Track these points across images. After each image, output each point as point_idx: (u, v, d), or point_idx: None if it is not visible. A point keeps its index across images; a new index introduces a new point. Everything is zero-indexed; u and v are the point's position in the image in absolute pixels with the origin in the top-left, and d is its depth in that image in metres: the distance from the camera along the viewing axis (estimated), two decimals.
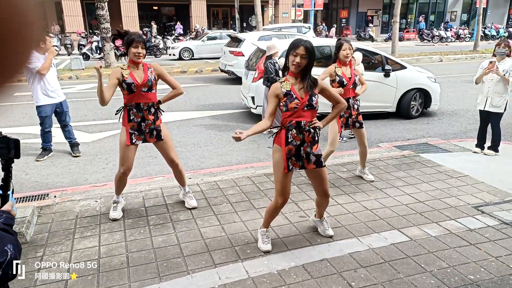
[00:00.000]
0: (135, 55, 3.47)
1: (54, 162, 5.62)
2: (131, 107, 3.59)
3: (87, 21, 27.40)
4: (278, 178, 3.09)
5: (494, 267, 3.03)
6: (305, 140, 3.04)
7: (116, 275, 2.95)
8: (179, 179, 4.05)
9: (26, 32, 0.43)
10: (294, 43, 2.94)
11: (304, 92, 2.98)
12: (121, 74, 3.50)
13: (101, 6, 13.99)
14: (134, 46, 3.45)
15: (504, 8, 36.70)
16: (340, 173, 4.96)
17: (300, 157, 3.06)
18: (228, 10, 31.77)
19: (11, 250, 1.32)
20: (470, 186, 4.54)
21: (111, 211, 3.81)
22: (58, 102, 5.50)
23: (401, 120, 7.87)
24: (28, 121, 7.57)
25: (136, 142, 3.65)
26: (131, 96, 3.55)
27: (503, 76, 5.20)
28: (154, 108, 3.67)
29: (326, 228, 3.50)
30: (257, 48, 8.42)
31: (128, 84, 3.50)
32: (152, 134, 3.70)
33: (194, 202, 4.03)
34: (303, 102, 2.96)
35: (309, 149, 3.06)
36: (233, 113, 8.52)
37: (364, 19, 34.00)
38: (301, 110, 2.97)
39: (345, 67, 4.40)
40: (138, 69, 3.57)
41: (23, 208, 3.71)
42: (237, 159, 5.75)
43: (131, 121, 3.60)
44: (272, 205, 3.20)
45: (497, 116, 5.49)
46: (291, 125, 3.00)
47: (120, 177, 3.73)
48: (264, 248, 3.22)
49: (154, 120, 3.67)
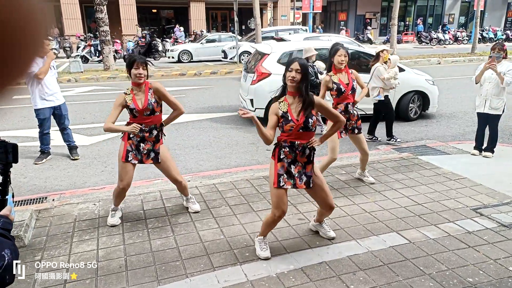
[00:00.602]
0: (136, 76, 3.47)
1: (52, 165, 5.61)
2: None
3: (86, 24, 27.43)
4: (272, 192, 3.09)
5: (493, 269, 3.03)
6: (298, 159, 3.03)
7: (114, 278, 2.95)
8: (182, 191, 4.04)
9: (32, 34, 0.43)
10: (288, 61, 3.02)
11: (301, 114, 2.96)
12: (125, 100, 3.53)
13: (100, 9, 14.00)
14: (135, 68, 3.46)
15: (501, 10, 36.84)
16: (339, 176, 4.96)
17: (291, 175, 3.05)
18: (227, 13, 31.84)
19: (9, 255, 1.32)
20: (469, 189, 4.54)
21: (109, 217, 3.79)
22: (57, 105, 5.49)
23: (400, 122, 7.88)
24: (27, 124, 7.57)
25: (132, 161, 3.63)
26: (135, 120, 3.58)
27: (498, 73, 5.22)
28: (156, 130, 3.66)
29: (328, 231, 3.50)
30: (256, 50, 8.42)
31: (131, 109, 3.54)
32: (149, 155, 3.69)
33: (197, 206, 4.03)
34: (299, 124, 2.95)
35: (302, 169, 3.06)
36: (231, 116, 8.52)
37: (363, 22, 34.09)
38: (296, 132, 2.97)
39: (341, 73, 4.36)
40: (140, 91, 3.57)
41: (21, 212, 3.71)
42: (236, 162, 5.75)
43: (130, 139, 3.61)
44: (269, 217, 3.16)
45: (495, 118, 5.50)
46: (285, 143, 3.01)
47: (118, 192, 3.72)
48: (263, 255, 3.19)
49: (154, 142, 3.67)
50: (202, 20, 28.97)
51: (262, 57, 7.63)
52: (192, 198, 4.09)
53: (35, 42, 0.44)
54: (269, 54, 7.51)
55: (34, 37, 0.43)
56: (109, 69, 14.38)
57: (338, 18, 35.48)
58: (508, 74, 5.22)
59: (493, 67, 5.24)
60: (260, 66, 7.42)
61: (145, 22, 29.45)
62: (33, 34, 0.43)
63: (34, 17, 0.42)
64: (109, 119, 3.49)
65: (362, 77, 7.38)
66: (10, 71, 0.43)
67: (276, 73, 7.23)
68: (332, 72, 4.37)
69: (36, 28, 0.43)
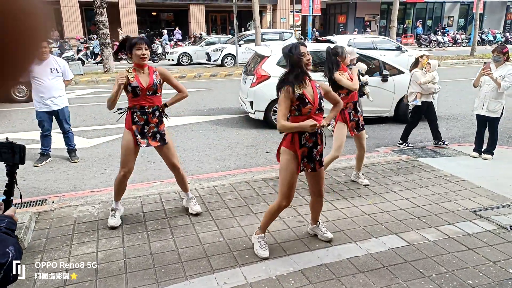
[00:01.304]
0: (140, 57, 3.45)
1: (52, 167, 5.61)
2: (135, 110, 3.57)
3: (86, 27, 27.47)
4: (286, 180, 3.08)
5: (493, 271, 3.03)
6: (318, 142, 3.10)
7: (113, 281, 2.94)
8: (181, 185, 4.01)
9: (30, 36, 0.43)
10: (292, 48, 3.03)
11: (314, 95, 3.04)
12: (126, 77, 3.48)
13: (100, 12, 14.03)
14: (137, 49, 3.43)
15: (500, 13, 36.95)
16: (338, 178, 4.96)
17: (312, 159, 3.11)
18: (226, 16, 31.90)
19: (13, 252, 1.33)
20: (468, 191, 4.54)
21: (109, 219, 3.77)
22: (55, 110, 5.48)
23: (399, 124, 7.88)
24: (27, 126, 7.57)
25: (141, 145, 3.62)
26: (135, 99, 3.53)
27: (495, 80, 5.23)
28: (158, 111, 3.66)
29: (324, 232, 3.50)
30: (255, 53, 8.44)
31: (133, 87, 3.48)
32: (155, 137, 3.67)
33: (198, 207, 4.00)
34: (315, 106, 3.02)
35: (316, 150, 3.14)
36: (231, 118, 8.53)
37: (362, 24, 34.16)
38: (313, 114, 3.02)
39: (345, 72, 4.46)
40: (143, 73, 3.55)
41: (21, 214, 3.70)
42: (235, 164, 5.75)
43: (134, 123, 3.58)
44: (275, 206, 3.19)
45: (493, 121, 5.50)
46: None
47: (120, 179, 3.69)
48: (263, 255, 3.20)
49: (157, 123, 3.65)
50: (202, 22, 29.02)
51: (261, 59, 7.64)
52: (193, 198, 4.06)
53: (34, 45, 0.44)
54: (269, 57, 7.52)
55: (32, 39, 0.43)
56: (109, 71, 14.40)
57: (338, 21, 35.56)
58: (507, 78, 5.23)
59: (488, 74, 5.26)
60: (259, 68, 7.42)
61: (145, 25, 29.50)
62: (31, 36, 0.43)
63: (32, 19, 0.43)
64: (112, 95, 3.43)
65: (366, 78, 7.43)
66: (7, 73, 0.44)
67: (275, 76, 7.24)
68: (339, 70, 4.43)
69: (34, 30, 0.43)
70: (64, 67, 5.53)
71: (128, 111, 3.61)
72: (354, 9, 34.24)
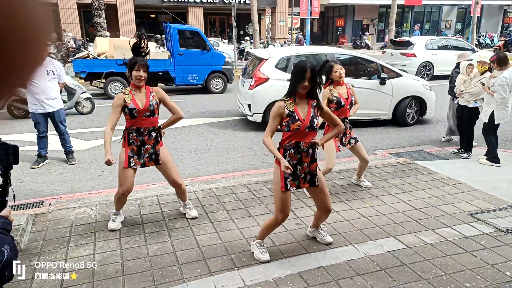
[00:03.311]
0: (137, 78, 3.46)
1: (49, 169, 5.59)
2: (131, 131, 3.56)
3: (84, 29, 27.46)
4: (277, 196, 3.08)
5: (490, 274, 3.03)
6: (303, 160, 3.06)
7: (111, 283, 2.93)
8: (180, 196, 4.00)
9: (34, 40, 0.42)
10: (298, 67, 2.94)
11: (307, 113, 2.99)
12: (124, 100, 3.49)
13: (99, 14, 14.05)
14: (136, 70, 3.44)
15: (498, 17, 37.14)
16: (336, 181, 4.96)
17: (296, 176, 3.08)
18: (225, 18, 31.93)
19: (8, 251, 1.33)
20: (466, 193, 4.55)
21: (110, 222, 3.76)
22: (50, 112, 5.47)
23: (397, 127, 7.91)
24: (24, 128, 7.55)
25: (135, 166, 3.59)
26: (133, 120, 3.54)
27: (490, 92, 5.31)
28: (155, 132, 3.65)
29: (325, 236, 3.50)
30: (254, 56, 8.45)
31: (130, 109, 3.48)
32: (151, 158, 3.67)
33: (195, 212, 3.99)
34: (305, 124, 2.97)
35: (308, 169, 3.10)
36: (229, 121, 8.53)
37: (360, 28, 34.26)
38: (302, 131, 2.98)
39: (340, 87, 4.35)
40: (140, 93, 3.55)
41: (17, 216, 3.68)
42: (233, 167, 5.75)
43: (130, 144, 3.58)
44: (272, 220, 3.18)
45: (484, 125, 5.54)
46: (289, 145, 3.02)
47: (119, 197, 3.68)
48: (263, 258, 3.19)
49: (154, 144, 3.65)
50: (200, 25, 29.01)
51: (260, 62, 7.65)
52: (190, 204, 4.05)
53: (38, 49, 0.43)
54: (267, 59, 7.52)
55: (36, 43, 0.42)
56: None
57: (336, 24, 35.66)
58: (496, 90, 5.25)
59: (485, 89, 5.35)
60: (258, 71, 7.43)
61: (143, 27, 29.50)
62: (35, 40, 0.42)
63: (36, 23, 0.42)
64: (109, 124, 3.46)
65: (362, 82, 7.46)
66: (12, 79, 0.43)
67: (274, 78, 7.26)
68: (332, 86, 4.37)
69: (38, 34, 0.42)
70: (60, 69, 5.55)
71: (125, 131, 3.60)
72: (352, 12, 34.35)
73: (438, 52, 14.43)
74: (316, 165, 3.14)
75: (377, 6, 33.93)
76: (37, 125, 5.49)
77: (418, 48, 14.50)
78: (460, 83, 5.95)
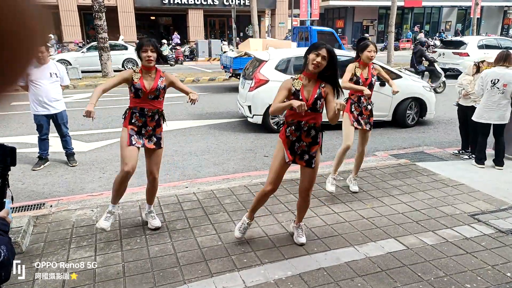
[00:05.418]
0: (145, 59, 3.44)
1: (50, 171, 5.60)
2: (135, 111, 3.55)
3: (84, 31, 27.52)
4: (274, 167, 3.23)
5: (491, 275, 3.04)
6: (303, 139, 3.15)
7: (112, 284, 2.93)
8: (149, 195, 3.83)
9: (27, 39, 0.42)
10: (316, 44, 3.05)
11: (311, 95, 3.06)
12: (131, 76, 3.48)
13: (99, 16, 14.06)
14: (143, 51, 3.43)
15: (497, 18, 37.20)
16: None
17: (293, 152, 3.19)
18: (225, 20, 31.99)
19: (5, 251, 1.33)
20: (466, 195, 4.56)
21: (102, 220, 3.57)
22: (53, 114, 5.49)
23: (397, 129, 7.92)
24: (25, 130, 7.56)
25: (136, 144, 3.55)
26: (137, 100, 3.52)
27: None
28: (158, 115, 3.64)
29: (299, 235, 3.52)
30: (254, 57, 8.46)
31: (136, 88, 3.47)
32: (151, 139, 3.62)
33: (158, 222, 3.80)
34: (308, 104, 3.03)
35: (306, 148, 3.18)
36: (229, 122, 8.54)
37: (360, 29, 34.34)
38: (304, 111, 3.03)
39: (365, 68, 4.39)
40: (150, 75, 3.53)
41: (18, 218, 3.69)
42: (233, 168, 5.75)
43: (132, 123, 3.56)
44: (261, 191, 3.36)
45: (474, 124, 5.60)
46: (292, 122, 3.14)
47: (122, 178, 3.48)
48: (236, 235, 3.47)
49: (154, 127, 3.64)
50: (200, 27, 29.10)
51: (260, 63, 7.67)
52: (153, 212, 3.85)
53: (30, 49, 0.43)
54: (267, 61, 7.54)
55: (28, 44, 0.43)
56: (107, 75, 14.39)
57: (336, 26, 35.72)
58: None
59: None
60: (258, 73, 7.44)
61: (143, 29, 29.57)
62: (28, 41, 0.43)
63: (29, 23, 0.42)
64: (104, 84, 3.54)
65: None
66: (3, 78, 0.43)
67: (274, 80, 7.26)
68: (358, 63, 4.39)
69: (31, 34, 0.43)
70: (62, 72, 5.61)
71: (129, 110, 3.60)
72: (352, 14, 34.43)
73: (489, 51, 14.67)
74: (317, 148, 3.21)
75: (376, 7, 34.01)
76: (40, 127, 5.51)
77: (471, 47, 15.11)
78: (468, 84, 5.90)
